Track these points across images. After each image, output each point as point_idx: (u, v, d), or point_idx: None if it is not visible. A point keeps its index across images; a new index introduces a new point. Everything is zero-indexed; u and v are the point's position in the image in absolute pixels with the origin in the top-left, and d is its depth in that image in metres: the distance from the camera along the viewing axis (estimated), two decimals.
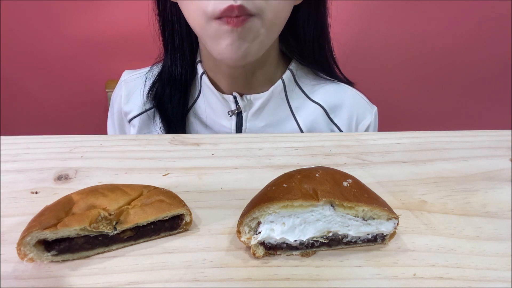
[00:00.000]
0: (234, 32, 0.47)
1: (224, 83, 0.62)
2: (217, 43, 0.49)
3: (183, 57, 0.62)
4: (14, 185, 0.41)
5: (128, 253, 0.34)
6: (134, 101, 0.67)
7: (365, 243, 0.34)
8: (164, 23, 0.62)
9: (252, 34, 0.48)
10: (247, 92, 0.62)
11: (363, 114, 0.67)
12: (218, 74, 0.62)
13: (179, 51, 0.62)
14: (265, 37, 0.51)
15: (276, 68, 0.64)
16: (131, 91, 0.68)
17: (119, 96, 0.69)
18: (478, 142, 0.52)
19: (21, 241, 0.30)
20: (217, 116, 0.63)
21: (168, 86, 0.63)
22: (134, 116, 0.66)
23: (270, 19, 0.49)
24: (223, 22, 0.46)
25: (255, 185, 0.39)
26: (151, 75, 0.66)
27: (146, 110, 0.65)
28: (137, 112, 0.66)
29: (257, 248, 0.33)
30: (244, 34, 0.48)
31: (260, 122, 0.63)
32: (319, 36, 0.63)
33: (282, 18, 0.52)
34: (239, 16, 0.46)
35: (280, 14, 0.51)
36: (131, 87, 0.68)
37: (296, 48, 0.65)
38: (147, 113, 0.65)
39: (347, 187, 0.33)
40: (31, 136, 0.50)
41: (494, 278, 0.32)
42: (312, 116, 0.65)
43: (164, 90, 0.63)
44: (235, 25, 0.46)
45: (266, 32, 0.50)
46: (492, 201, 0.41)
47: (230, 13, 0.45)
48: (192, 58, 0.63)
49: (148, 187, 0.37)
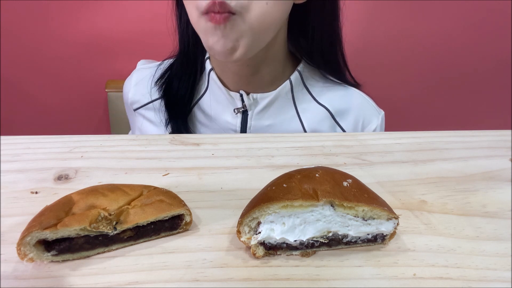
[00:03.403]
0: (218, 30, 0.48)
1: (231, 81, 0.63)
2: (207, 39, 0.51)
3: (195, 50, 0.64)
4: (14, 185, 0.41)
5: (128, 253, 0.34)
6: (141, 91, 0.68)
7: (365, 243, 0.34)
8: (180, 19, 0.63)
9: (235, 33, 0.49)
10: (253, 90, 0.63)
11: (369, 118, 0.67)
12: (224, 71, 0.63)
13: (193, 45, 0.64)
14: (253, 37, 0.50)
15: (283, 68, 0.64)
16: (140, 78, 0.69)
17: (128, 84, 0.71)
18: (478, 142, 0.52)
19: (21, 241, 0.30)
20: (223, 113, 0.64)
21: (177, 78, 0.65)
22: (140, 106, 0.68)
23: (254, 19, 0.49)
24: (208, 19, 0.48)
25: (255, 185, 0.39)
26: (162, 67, 0.68)
27: (153, 100, 0.67)
28: (144, 102, 0.67)
29: (257, 248, 0.33)
30: (227, 33, 0.49)
31: (265, 121, 0.64)
32: (329, 36, 0.62)
33: (271, 18, 0.51)
34: (222, 13, 0.47)
35: (267, 15, 0.50)
36: (141, 75, 0.70)
37: (305, 48, 0.65)
38: (153, 104, 0.66)
39: (347, 187, 0.33)
40: (31, 136, 0.50)
41: (494, 278, 0.32)
42: (317, 118, 0.65)
43: (173, 81, 0.65)
44: (217, 22, 0.47)
45: (252, 32, 0.50)
46: (492, 201, 0.41)
47: (212, 8, 0.47)
48: (203, 53, 0.65)
49: (148, 187, 0.37)
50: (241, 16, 0.48)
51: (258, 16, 0.49)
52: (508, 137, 0.53)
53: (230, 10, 0.47)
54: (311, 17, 0.60)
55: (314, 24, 0.61)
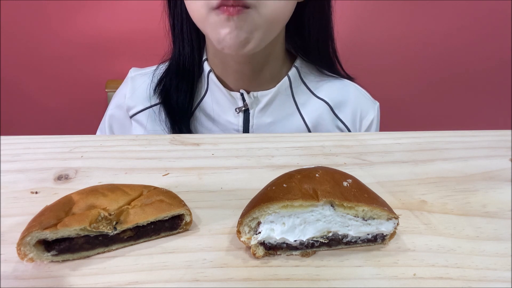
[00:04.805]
0: (231, 21, 0.49)
1: (231, 80, 0.63)
2: (217, 32, 0.51)
3: (191, 51, 0.64)
4: (14, 185, 0.41)
5: (128, 253, 0.34)
6: (138, 97, 0.67)
7: (365, 243, 0.34)
8: (174, 20, 0.63)
9: (249, 25, 0.50)
10: (253, 89, 0.63)
11: (366, 110, 0.68)
12: (225, 71, 0.63)
13: (189, 46, 0.64)
14: (265, 31, 0.52)
15: (282, 65, 0.65)
16: (136, 87, 0.68)
17: (123, 92, 0.69)
18: (478, 142, 0.52)
19: (21, 241, 0.30)
20: (224, 113, 0.64)
21: (176, 79, 0.64)
22: (138, 111, 0.66)
23: (269, 14, 0.50)
24: (220, 12, 0.48)
25: (255, 185, 0.39)
26: (158, 72, 0.68)
27: (152, 105, 0.66)
28: (141, 108, 0.66)
29: (257, 248, 0.33)
30: (241, 24, 0.49)
31: (267, 119, 0.64)
32: (323, 34, 0.64)
33: (283, 14, 0.53)
34: (235, 6, 0.47)
35: (280, 10, 0.51)
36: (137, 84, 0.69)
37: (301, 46, 0.66)
38: (152, 109, 0.65)
39: (347, 187, 0.33)
40: (31, 136, 0.50)
41: (494, 278, 0.32)
42: (317, 112, 0.66)
43: (172, 83, 0.64)
44: (230, 13, 0.48)
45: (265, 26, 0.51)
46: (492, 201, 0.41)
47: (226, 2, 0.47)
48: (200, 54, 0.65)
49: (148, 187, 0.37)
50: (256, 10, 0.49)
51: (273, 11, 0.50)
52: (508, 137, 0.53)
53: (244, 3, 0.47)
54: (306, 16, 0.62)
55: (310, 23, 0.62)
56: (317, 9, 0.61)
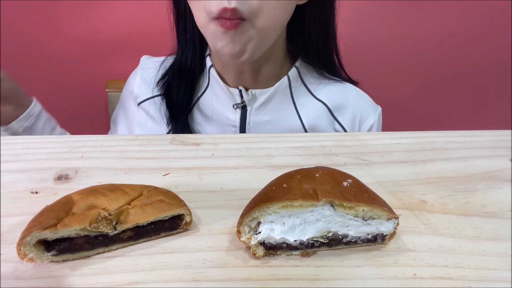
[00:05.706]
0: (227, 34, 0.50)
1: (231, 77, 0.64)
2: (215, 43, 0.52)
3: (193, 49, 0.65)
4: (14, 185, 0.41)
5: (128, 253, 0.34)
6: (145, 86, 0.69)
7: (365, 243, 0.34)
8: (178, 17, 0.64)
9: (244, 38, 0.51)
10: (253, 87, 0.64)
11: (366, 114, 0.68)
12: (225, 68, 0.64)
13: (191, 43, 0.65)
14: (259, 41, 0.52)
15: (282, 65, 0.66)
16: (145, 76, 0.70)
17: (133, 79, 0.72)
18: (478, 142, 0.52)
19: (21, 241, 0.30)
20: (223, 109, 0.65)
21: (178, 76, 0.66)
22: (143, 100, 0.69)
23: (263, 25, 0.51)
24: (218, 24, 0.49)
25: (255, 185, 0.39)
26: (164, 65, 0.69)
27: (154, 96, 0.68)
28: (146, 97, 0.68)
29: (257, 248, 0.33)
30: (236, 37, 0.50)
31: (264, 117, 0.65)
32: (324, 36, 0.64)
33: (277, 23, 0.53)
34: (232, 19, 0.48)
35: (274, 20, 0.52)
36: (146, 73, 0.71)
37: (302, 47, 0.66)
38: (154, 100, 0.67)
39: (347, 187, 0.33)
40: (31, 136, 0.50)
41: (494, 278, 0.32)
42: (315, 114, 0.66)
43: (174, 79, 0.66)
44: (227, 27, 0.49)
45: (259, 36, 0.52)
46: (492, 201, 0.41)
47: (224, 14, 0.48)
48: (202, 51, 0.66)
49: (148, 187, 0.37)
50: (250, 22, 0.50)
51: (266, 21, 0.51)
52: (508, 137, 0.53)
53: (241, 16, 0.48)
54: (307, 18, 0.62)
55: (310, 25, 0.62)
56: (318, 12, 0.61)
